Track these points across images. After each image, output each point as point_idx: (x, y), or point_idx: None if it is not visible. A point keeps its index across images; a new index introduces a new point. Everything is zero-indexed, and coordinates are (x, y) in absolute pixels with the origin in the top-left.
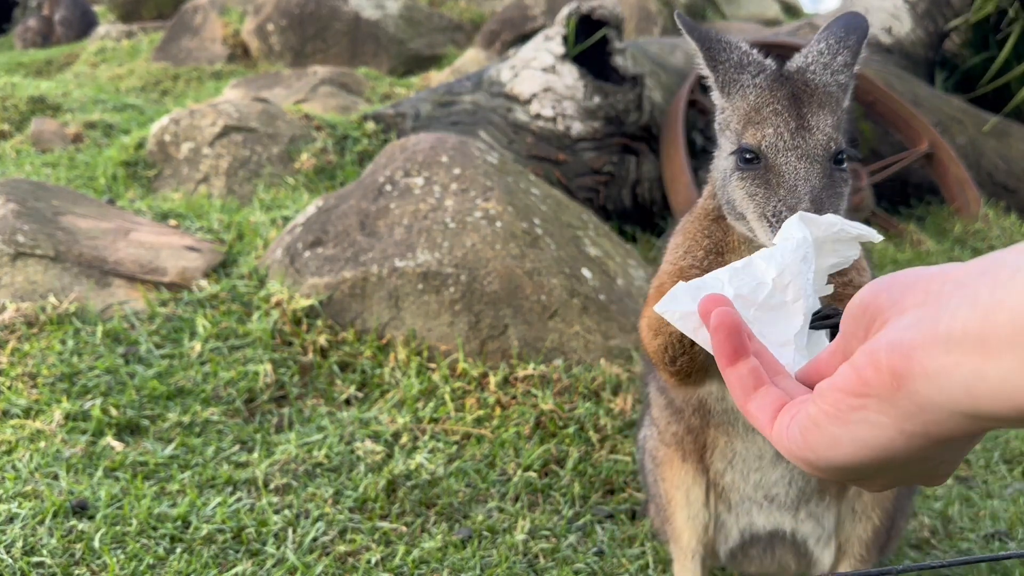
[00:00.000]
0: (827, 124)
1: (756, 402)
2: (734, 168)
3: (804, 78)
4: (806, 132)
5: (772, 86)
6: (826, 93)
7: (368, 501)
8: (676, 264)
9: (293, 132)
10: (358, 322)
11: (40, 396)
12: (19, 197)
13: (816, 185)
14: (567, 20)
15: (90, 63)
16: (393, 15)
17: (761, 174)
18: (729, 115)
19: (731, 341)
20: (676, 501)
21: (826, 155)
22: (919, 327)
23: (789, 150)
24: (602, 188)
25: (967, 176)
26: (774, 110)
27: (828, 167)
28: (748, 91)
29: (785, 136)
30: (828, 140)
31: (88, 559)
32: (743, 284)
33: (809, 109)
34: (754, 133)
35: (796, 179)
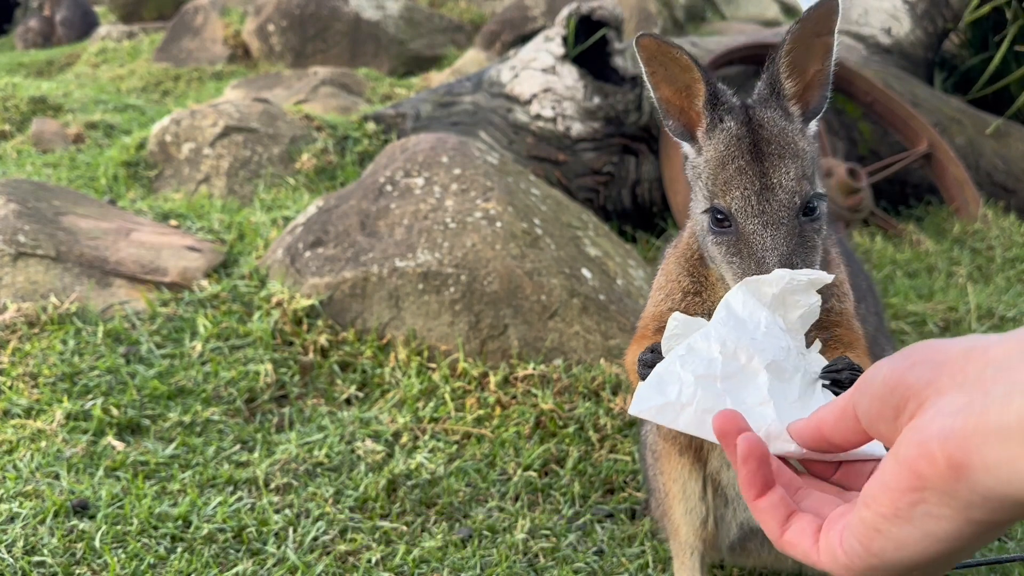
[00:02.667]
0: (790, 178)
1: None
2: (708, 228)
3: (761, 119)
4: (770, 193)
5: (737, 141)
6: (781, 135)
7: (368, 500)
8: (657, 307)
9: (294, 132)
10: (358, 322)
11: (41, 396)
12: (20, 197)
13: (784, 251)
14: (567, 21)
15: (91, 63)
16: (393, 16)
17: (734, 241)
18: (700, 165)
19: (761, 472)
20: (673, 494)
21: (791, 213)
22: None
23: (755, 216)
24: (602, 188)
25: (966, 176)
26: (738, 168)
27: (795, 225)
28: (719, 136)
29: (752, 200)
30: (792, 196)
31: (89, 558)
32: (697, 366)
33: (770, 163)
34: (723, 195)
35: (764, 250)
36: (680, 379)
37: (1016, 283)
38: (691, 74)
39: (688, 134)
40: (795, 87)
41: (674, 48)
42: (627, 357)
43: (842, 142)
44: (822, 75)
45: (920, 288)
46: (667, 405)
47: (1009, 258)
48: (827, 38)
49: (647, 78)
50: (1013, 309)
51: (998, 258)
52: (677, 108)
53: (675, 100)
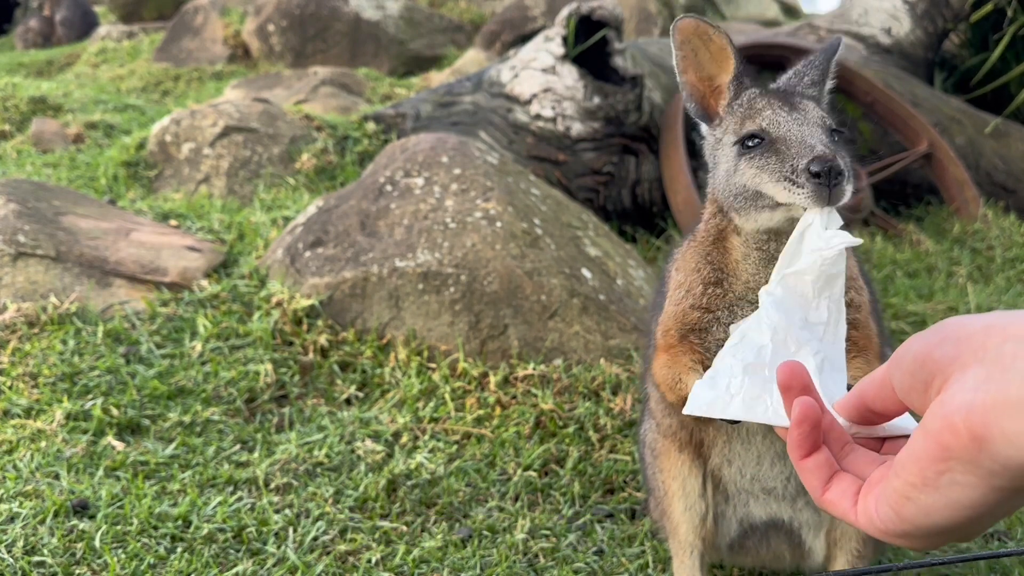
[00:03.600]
0: (815, 107)
1: (833, 491)
2: (738, 157)
3: (784, 87)
4: (801, 111)
5: (762, 94)
6: (808, 95)
7: (368, 500)
8: (678, 305)
9: (294, 132)
10: (358, 322)
11: (41, 396)
12: (20, 197)
13: (823, 139)
14: (567, 21)
15: (91, 63)
16: (393, 16)
17: (769, 148)
18: (724, 128)
19: (812, 435)
20: (673, 491)
21: (824, 125)
22: (989, 389)
23: (790, 122)
24: (602, 188)
25: (966, 176)
26: (768, 102)
27: (828, 130)
28: (743, 99)
29: (783, 114)
30: (822, 116)
31: (89, 558)
32: (747, 354)
33: (795, 99)
34: (753, 121)
35: (803, 136)
36: (731, 370)
37: (1016, 283)
38: (724, 54)
39: (708, 116)
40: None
41: (712, 28)
42: (657, 371)
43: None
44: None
45: (920, 288)
46: (717, 398)
47: (1009, 258)
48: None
49: (677, 62)
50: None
51: (998, 258)
52: (700, 93)
53: (700, 86)
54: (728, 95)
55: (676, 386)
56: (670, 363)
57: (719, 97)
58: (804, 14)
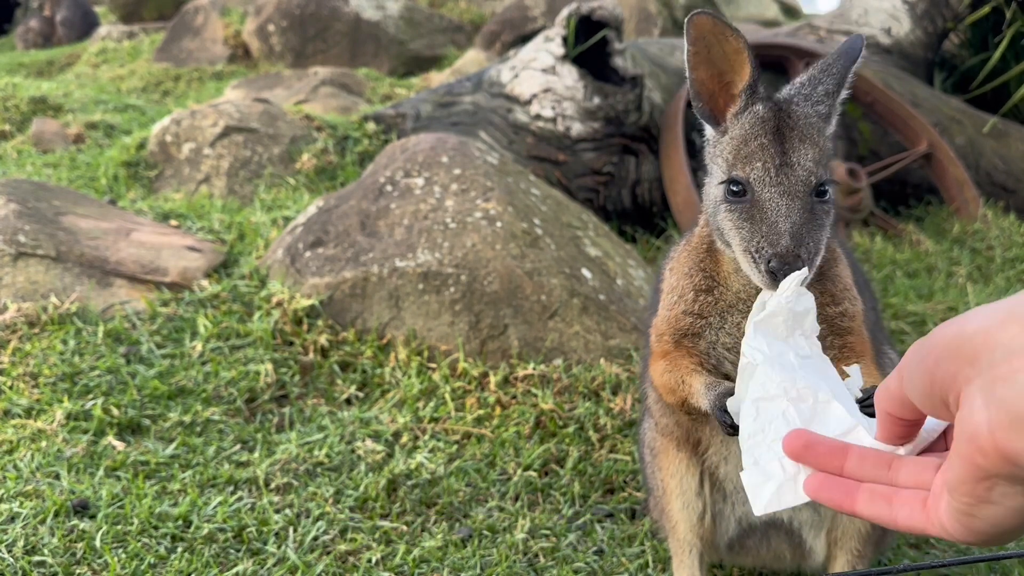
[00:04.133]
0: (808, 159)
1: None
2: (723, 199)
3: (788, 110)
4: (789, 169)
5: (763, 123)
6: (807, 125)
7: (369, 500)
8: (671, 311)
9: (294, 132)
10: (359, 322)
11: (41, 396)
12: (20, 197)
13: (796, 221)
14: (567, 21)
15: (91, 64)
16: (393, 16)
17: (747, 208)
18: (723, 145)
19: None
20: (671, 489)
21: (807, 190)
22: (1000, 409)
23: (773, 186)
24: (602, 188)
25: (966, 176)
26: (760, 144)
27: (809, 201)
28: (747, 118)
29: (771, 171)
30: (809, 175)
31: (89, 558)
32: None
33: (791, 145)
34: (743, 167)
35: (778, 216)
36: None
37: (1016, 283)
38: (740, 56)
39: (714, 118)
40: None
41: (729, 28)
42: (656, 377)
43: (842, 142)
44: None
45: (920, 288)
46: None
47: (1009, 258)
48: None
49: (688, 58)
50: None
51: (998, 258)
52: (709, 91)
53: (709, 83)
54: (739, 104)
55: (678, 389)
56: (670, 368)
57: (730, 101)
58: (804, 14)
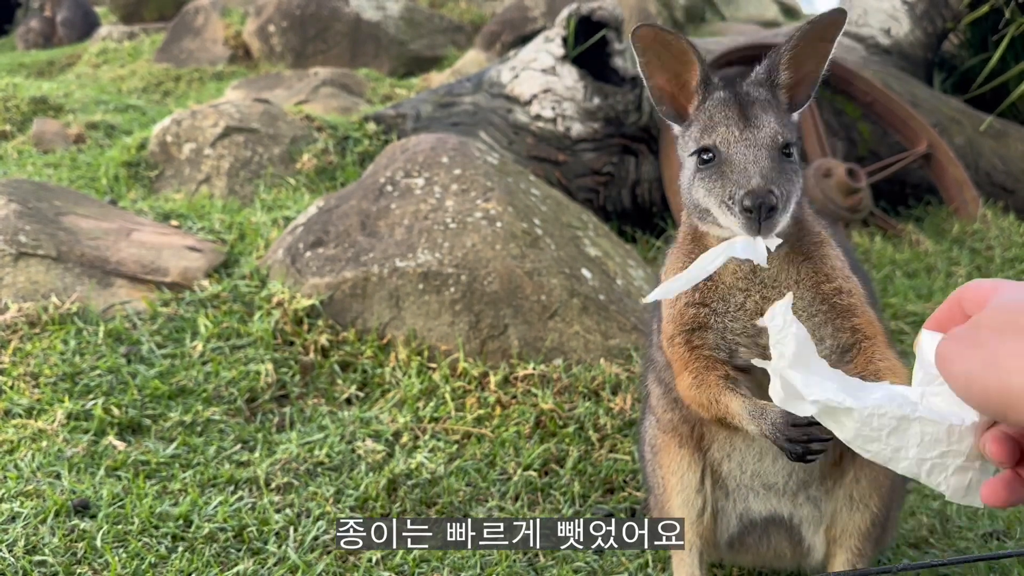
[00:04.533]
0: (771, 121)
1: None
2: (694, 171)
3: (746, 90)
4: (753, 128)
5: (724, 102)
6: (766, 101)
7: (369, 500)
8: (674, 307)
9: (294, 133)
10: (359, 322)
11: (42, 396)
12: (21, 197)
13: (765, 166)
14: (567, 21)
15: (92, 64)
16: (394, 16)
17: (716, 168)
18: (690, 133)
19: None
20: (671, 486)
21: (773, 144)
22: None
23: (738, 142)
24: (602, 188)
25: (965, 176)
26: (725, 116)
27: (776, 155)
28: (709, 104)
29: (735, 131)
30: (774, 133)
31: (90, 558)
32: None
33: (754, 112)
34: (709, 135)
35: (746, 162)
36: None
37: None
38: (686, 57)
39: (679, 116)
40: (788, 79)
41: (670, 34)
42: (686, 393)
43: (842, 142)
44: (813, 75)
45: (919, 288)
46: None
47: (1008, 258)
48: (828, 44)
49: (641, 68)
50: None
51: (997, 258)
52: (669, 94)
53: (668, 87)
54: (697, 98)
55: (712, 407)
56: (697, 384)
57: (689, 98)
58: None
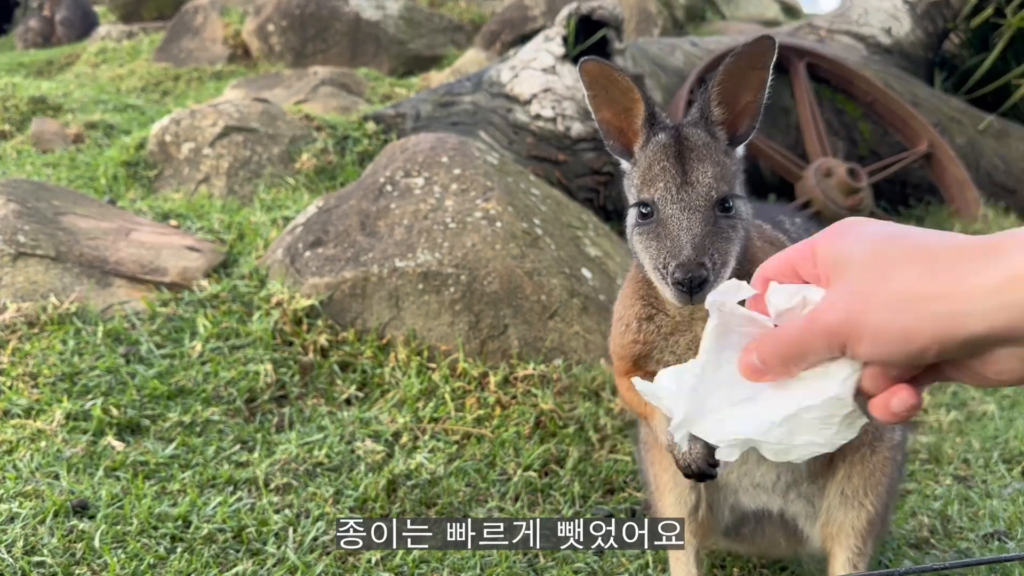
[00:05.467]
0: (708, 176)
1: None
2: (635, 223)
3: (686, 134)
4: (688, 187)
5: (664, 148)
6: (705, 146)
7: (369, 500)
8: (622, 338)
9: (294, 132)
10: (358, 322)
11: (41, 396)
12: (20, 197)
13: (698, 233)
14: (567, 21)
15: (91, 63)
16: (393, 16)
17: (654, 228)
18: (633, 175)
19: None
20: (664, 483)
21: (708, 204)
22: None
23: (674, 203)
24: (602, 188)
25: (966, 176)
26: (663, 167)
27: (712, 215)
28: (651, 147)
29: (672, 190)
30: (709, 190)
31: (89, 559)
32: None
33: (691, 165)
34: (648, 189)
35: (679, 230)
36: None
37: None
38: (631, 95)
39: (626, 152)
40: (723, 114)
41: (615, 71)
42: (621, 392)
43: (842, 142)
44: (753, 106)
45: None
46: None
47: None
48: (762, 72)
49: (589, 101)
50: None
51: None
52: (617, 129)
53: (615, 121)
54: (642, 137)
55: (639, 407)
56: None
57: (635, 135)
58: (804, 14)
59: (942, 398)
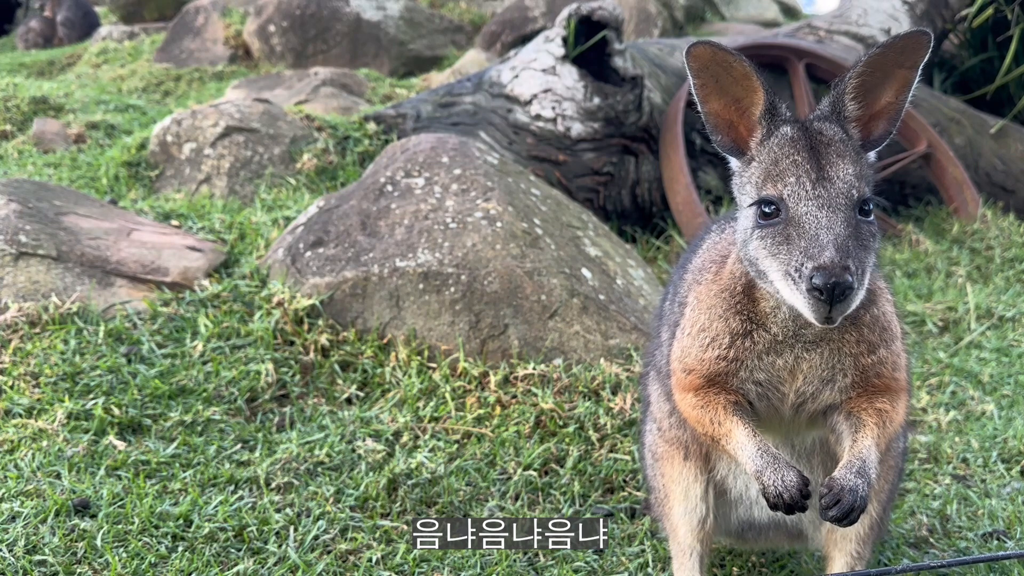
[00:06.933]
0: (848, 172)
1: None
2: (753, 225)
3: (820, 128)
4: (827, 182)
5: (793, 141)
6: (842, 142)
7: (369, 500)
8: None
9: (294, 133)
10: (359, 322)
11: (42, 395)
12: (21, 197)
13: (840, 233)
14: (567, 21)
15: (92, 64)
16: (394, 16)
17: (782, 228)
18: (750, 172)
19: None
20: (674, 495)
21: (849, 204)
22: None
23: (810, 199)
24: (602, 188)
25: (965, 177)
26: (794, 162)
27: (852, 216)
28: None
29: (806, 185)
30: (850, 188)
31: (90, 557)
32: None
33: (828, 159)
34: (774, 185)
35: (818, 228)
36: None
37: (1015, 283)
38: (748, 83)
39: (737, 149)
40: (859, 111)
41: (732, 56)
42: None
43: None
44: (893, 108)
45: (919, 288)
46: None
47: (1008, 258)
48: (910, 72)
49: (695, 90)
50: (1012, 309)
51: (997, 258)
52: (726, 122)
53: (724, 114)
54: (760, 131)
55: (711, 427)
56: (702, 403)
57: (750, 129)
58: (804, 14)
59: (941, 398)
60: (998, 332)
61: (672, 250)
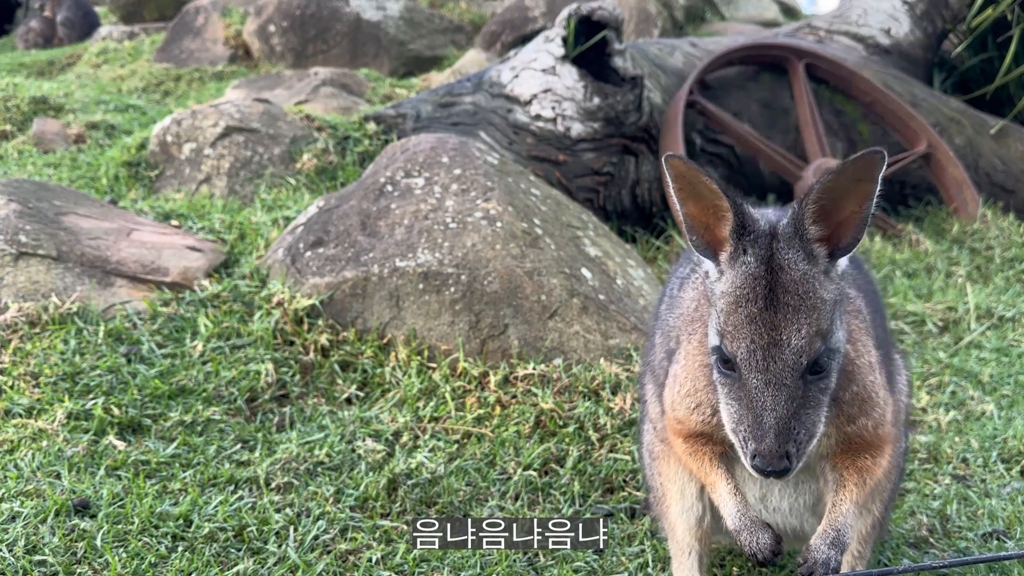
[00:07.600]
0: (801, 335)
1: None
2: (715, 366)
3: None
4: (776, 350)
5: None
6: (803, 282)
7: (369, 500)
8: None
9: (294, 133)
10: (359, 322)
11: (42, 395)
12: (21, 197)
13: (782, 415)
14: (567, 21)
15: (92, 64)
16: (394, 16)
17: (736, 387)
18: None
19: None
20: (671, 494)
21: (795, 374)
22: None
23: (759, 372)
24: (602, 188)
25: (965, 177)
26: (749, 316)
27: (798, 386)
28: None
29: (758, 354)
30: (799, 356)
31: (90, 558)
32: None
33: (783, 314)
34: (731, 341)
35: (763, 409)
36: None
37: (1015, 283)
38: (719, 201)
39: (712, 252)
40: (823, 231)
41: (702, 174)
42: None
43: (841, 142)
44: (858, 216)
45: (919, 288)
46: None
47: (1008, 258)
48: (869, 184)
49: (674, 193)
50: (1012, 309)
51: (997, 258)
52: (703, 224)
53: (701, 217)
54: (728, 248)
55: (699, 473)
56: (691, 452)
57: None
58: (804, 14)
59: (941, 398)
60: (998, 332)
61: (672, 250)
